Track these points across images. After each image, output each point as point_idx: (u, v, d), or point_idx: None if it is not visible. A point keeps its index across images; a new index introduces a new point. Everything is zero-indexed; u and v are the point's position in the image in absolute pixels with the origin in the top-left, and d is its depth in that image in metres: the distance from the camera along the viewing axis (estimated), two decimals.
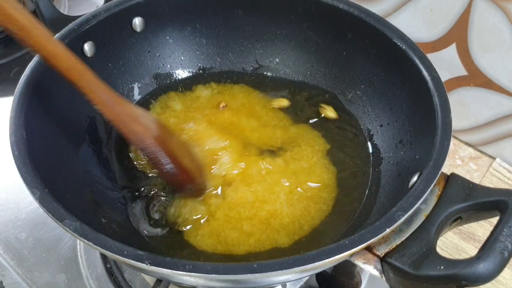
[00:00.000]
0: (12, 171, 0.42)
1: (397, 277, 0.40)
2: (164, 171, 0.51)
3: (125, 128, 0.49)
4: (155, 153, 0.50)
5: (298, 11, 0.63)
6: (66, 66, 0.45)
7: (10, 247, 0.63)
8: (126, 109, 0.49)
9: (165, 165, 0.50)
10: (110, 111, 0.48)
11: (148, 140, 0.49)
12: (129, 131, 0.49)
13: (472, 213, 0.44)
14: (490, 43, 0.67)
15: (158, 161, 0.50)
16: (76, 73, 0.46)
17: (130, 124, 0.49)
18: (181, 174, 0.52)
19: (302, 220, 0.54)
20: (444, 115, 0.47)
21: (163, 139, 0.51)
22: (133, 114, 0.50)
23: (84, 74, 0.46)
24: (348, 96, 0.64)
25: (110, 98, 0.48)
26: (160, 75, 0.66)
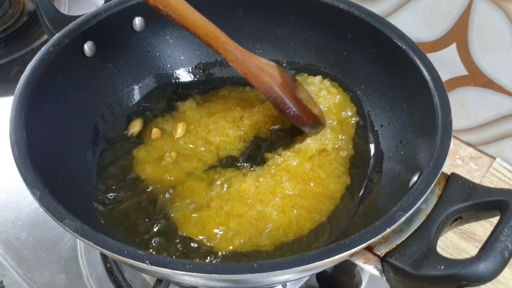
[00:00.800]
0: (12, 171, 0.42)
1: (398, 277, 0.40)
2: (290, 113, 0.57)
3: (254, 79, 0.56)
4: (281, 98, 0.56)
5: (298, 11, 0.63)
6: (204, 32, 0.52)
7: (11, 247, 0.63)
8: (254, 62, 0.56)
9: (291, 108, 0.56)
10: (242, 66, 0.55)
11: (275, 88, 0.56)
12: (258, 81, 0.56)
13: (473, 213, 0.44)
14: (490, 43, 0.67)
15: (284, 106, 0.56)
16: (212, 36, 0.53)
17: (258, 75, 0.55)
18: (304, 114, 0.57)
19: (288, 228, 0.53)
20: (445, 115, 0.47)
21: (286, 85, 0.57)
22: (260, 66, 0.56)
23: (219, 37, 0.53)
24: (348, 95, 0.64)
25: (241, 54, 0.55)
26: (160, 74, 0.66)
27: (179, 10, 0.50)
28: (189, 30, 0.52)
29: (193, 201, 0.54)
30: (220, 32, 0.54)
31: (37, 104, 0.49)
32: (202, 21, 0.52)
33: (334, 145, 0.60)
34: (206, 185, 0.56)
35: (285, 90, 0.57)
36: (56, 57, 0.52)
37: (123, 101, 0.63)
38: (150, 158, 0.58)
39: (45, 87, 0.51)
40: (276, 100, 0.56)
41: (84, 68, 0.57)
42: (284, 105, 0.56)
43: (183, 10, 0.50)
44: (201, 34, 0.52)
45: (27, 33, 0.90)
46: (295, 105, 0.57)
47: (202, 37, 0.53)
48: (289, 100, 0.56)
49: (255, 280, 0.42)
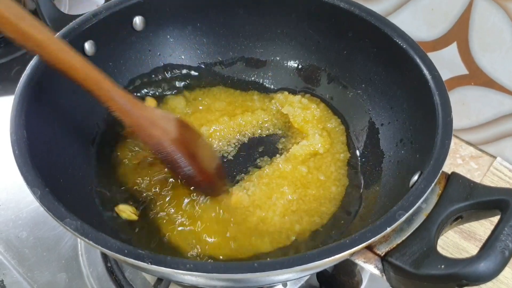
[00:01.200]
0: (13, 170, 0.42)
1: (398, 276, 0.40)
2: (182, 173, 0.51)
3: (142, 132, 0.49)
4: (171, 156, 0.50)
5: (299, 10, 0.63)
6: (84, 77, 0.46)
7: (11, 246, 0.63)
8: (144, 113, 0.49)
9: (183, 168, 0.50)
10: (128, 117, 0.48)
11: (165, 144, 0.49)
12: (147, 135, 0.49)
13: (473, 212, 0.44)
14: (491, 42, 0.67)
15: (175, 164, 0.50)
16: (93, 82, 0.46)
17: (148, 129, 0.49)
18: (200, 175, 0.52)
19: (289, 231, 0.53)
20: (445, 114, 0.47)
21: (183, 141, 0.51)
22: (151, 118, 0.50)
23: (101, 83, 0.47)
24: (349, 95, 0.64)
25: (128, 103, 0.48)
26: (160, 73, 0.66)
27: (52, 51, 0.44)
28: (67, 74, 0.46)
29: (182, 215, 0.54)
30: (104, 78, 0.47)
31: (38, 103, 0.49)
32: (81, 65, 0.46)
33: (326, 149, 0.60)
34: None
35: (179, 146, 0.50)
36: None
37: None
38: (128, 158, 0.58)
39: (46, 87, 0.51)
40: (166, 158, 0.50)
41: None
42: (175, 164, 0.50)
43: (57, 51, 0.44)
44: (80, 79, 0.46)
45: None
46: (189, 163, 0.51)
47: (82, 82, 0.46)
48: (183, 158, 0.50)
49: (256, 280, 0.42)
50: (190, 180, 0.52)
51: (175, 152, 0.50)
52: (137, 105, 0.49)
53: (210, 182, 0.54)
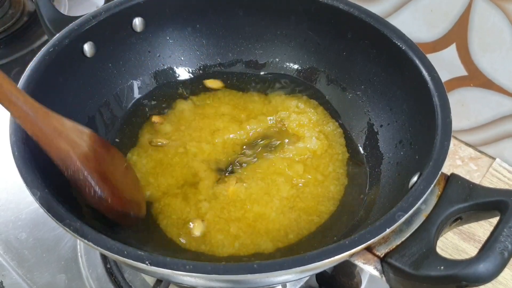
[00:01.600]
0: (12, 171, 0.42)
1: (397, 277, 0.40)
2: (90, 193, 0.45)
3: (48, 143, 0.43)
4: (79, 172, 0.44)
5: (298, 11, 0.63)
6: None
7: (11, 247, 0.63)
8: (51, 122, 0.44)
9: (93, 188, 0.45)
10: (32, 125, 0.43)
11: (73, 157, 0.44)
12: (53, 147, 0.44)
13: (472, 213, 0.44)
14: (490, 43, 0.67)
15: (83, 182, 0.45)
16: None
17: (54, 140, 0.43)
18: (112, 198, 0.46)
19: (288, 229, 0.53)
20: (444, 115, 0.47)
21: (93, 158, 0.46)
22: (59, 129, 0.44)
23: (2, 84, 0.41)
24: (348, 96, 0.64)
25: (32, 110, 0.42)
26: (160, 75, 0.66)
27: None
28: None
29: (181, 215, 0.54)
30: (6, 79, 0.41)
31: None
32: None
33: (324, 150, 0.60)
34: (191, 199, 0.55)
35: (89, 163, 0.45)
36: (56, 58, 0.52)
37: (122, 101, 0.63)
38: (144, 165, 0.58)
39: (45, 88, 0.51)
40: (74, 175, 0.44)
41: (84, 69, 0.57)
42: (84, 182, 0.45)
43: None
44: None
45: (27, 34, 0.90)
46: (98, 183, 0.45)
47: None
48: (92, 176, 0.45)
49: (255, 281, 0.42)
50: (100, 202, 0.46)
51: (85, 168, 0.44)
52: (43, 113, 0.43)
53: (122, 207, 0.48)
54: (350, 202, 0.56)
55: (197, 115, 0.63)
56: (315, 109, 0.64)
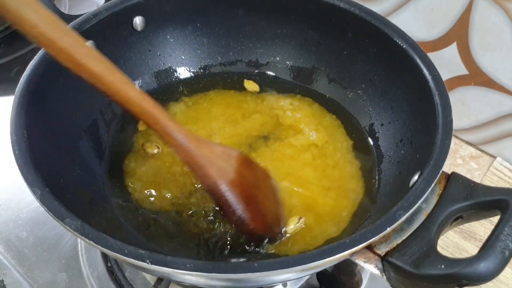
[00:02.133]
0: (13, 170, 0.42)
1: (398, 276, 0.40)
2: (233, 218, 0.47)
3: (199, 171, 0.46)
4: (225, 198, 0.46)
5: (299, 10, 0.63)
6: (140, 111, 0.45)
7: (11, 246, 0.63)
8: (203, 152, 0.46)
9: (237, 212, 0.46)
10: (185, 154, 0.46)
11: (221, 186, 0.46)
12: (203, 174, 0.46)
13: (473, 212, 0.44)
14: (491, 42, 0.67)
15: (228, 208, 0.46)
16: (150, 116, 0.45)
17: (205, 168, 0.46)
18: (253, 222, 0.48)
19: (338, 208, 0.54)
20: (445, 114, 0.47)
21: (241, 182, 0.47)
22: (209, 157, 0.46)
23: (159, 117, 0.45)
24: (348, 95, 0.64)
25: (186, 140, 0.46)
26: (160, 74, 0.66)
27: (107, 83, 0.43)
28: (122, 106, 0.45)
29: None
30: (162, 112, 0.45)
31: (38, 103, 0.49)
32: (137, 97, 0.44)
33: (324, 141, 0.60)
34: None
35: (235, 189, 0.46)
36: None
37: None
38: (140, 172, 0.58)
39: (46, 87, 0.51)
40: (219, 200, 0.47)
41: None
42: (228, 207, 0.46)
43: (113, 83, 0.43)
44: (137, 113, 0.45)
45: None
46: (243, 209, 0.46)
47: (139, 115, 0.45)
48: (237, 201, 0.46)
49: (256, 279, 0.42)
50: (242, 225, 0.48)
51: (229, 195, 0.46)
52: (196, 142, 0.46)
53: (265, 231, 0.49)
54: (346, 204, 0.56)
55: (190, 118, 0.63)
56: (310, 106, 0.64)
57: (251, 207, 0.47)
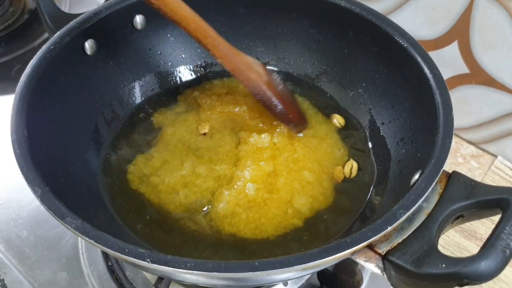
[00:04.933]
0: (13, 169, 0.42)
1: (399, 275, 0.40)
2: (277, 111, 0.58)
3: (242, 76, 0.56)
4: (268, 96, 0.57)
5: (300, 9, 0.63)
6: (194, 27, 0.53)
7: (12, 245, 0.63)
8: (242, 59, 0.56)
9: (277, 106, 0.57)
10: (230, 63, 0.55)
11: (262, 85, 0.56)
12: (246, 78, 0.56)
13: (474, 211, 0.43)
14: (492, 41, 0.67)
15: (271, 104, 0.57)
16: (202, 32, 0.53)
17: (246, 72, 0.56)
18: (290, 113, 0.59)
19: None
20: (446, 113, 0.47)
21: (272, 84, 0.58)
22: (248, 63, 0.57)
23: (208, 33, 0.54)
24: (349, 94, 0.64)
25: (229, 51, 0.55)
26: (161, 72, 0.66)
27: (169, 4, 0.51)
28: (180, 25, 0.52)
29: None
30: (210, 28, 0.54)
31: (38, 102, 0.49)
32: (192, 16, 0.52)
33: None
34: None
35: (271, 88, 0.57)
36: (57, 55, 0.52)
37: (124, 99, 0.63)
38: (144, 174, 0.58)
39: (46, 85, 0.51)
40: (264, 98, 0.57)
41: (85, 66, 0.57)
42: (271, 103, 0.57)
43: (174, 4, 0.51)
44: (191, 29, 0.53)
45: (28, 31, 0.90)
46: (281, 103, 0.58)
47: (192, 32, 0.53)
48: (275, 98, 0.57)
49: (256, 278, 0.42)
50: (283, 117, 0.59)
51: (268, 91, 0.57)
52: (236, 52, 0.56)
53: (299, 118, 0.60)
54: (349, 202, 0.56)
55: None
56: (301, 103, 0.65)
57: (284, 102, 0.58)
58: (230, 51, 0.56)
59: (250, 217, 0.53)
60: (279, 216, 0.54)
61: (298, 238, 0.52)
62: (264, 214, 0.53)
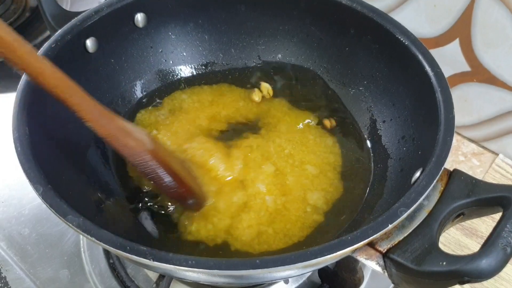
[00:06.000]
0: (15, 167, 0.42)
1: (399, 273, 0.40)
2: (163, 185, 0.50)
3: (118, 143, 0.47)
4: (151, 167, 0.48)
5: (301, 6, 0.63)
6: (54, 83, 0.43)
7: (14, 243, 0.64)
8: (118, 124, 0.48)
9: (164, 179, 0.49)
10: (102, 128, 0.47)
11: (143, 154, 0.48)
12: (123, 145, 0.47)
13: (475, 209, 0.43)
14: (494, 38, 0.67)
15: (155, 176, 0.49)
16: (65, 90, 0.44)
17: (123, 139, 0.47)
18: (181, 187, 0.51)
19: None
20: (447, 111, 0.47)
21: (158, 153, 0.49)
22: (125, 129, 0.48)
23: (73, 91, 0.44)
24: (350, 92, 0.64)
25: (101, 114, 0.47)
26: (162, 71, 0.66)
27: (20, 53, 0.41)
28: (35, 80, 0.43)
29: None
30: (76, 88, 0.45)
31: (40, 100, 0.49)
32: (51, 71, 0.43)
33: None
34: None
35: (156, 157, 0.49)
36: (58, 53, 0.52)
37: (125, 97, 0.63)
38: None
39: None
40: (146, 169, 0.48)
41: (86, 64, 0.57)
42: (156, 175, 0.49)
43: (26, 54, 0.41)
44: (50, 86, 0.43)
45: (30, 29, 0.90)
46: (169, 174, 0.49)
47: (52, 90, 0.43)
48: (162, 168, 0.49)
49: (257, 276, 0.42)
50: (174, 192, 0.51)
51: (152, 162, 0.48)
52: (110, 116, 0.47)
53: (193, 194, 0.53)
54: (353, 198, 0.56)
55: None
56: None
57: (174, 174, 0.50)
58: (102, 115, 0.47)
59: (277, 228, 0.53)
60: (301, 217, 0.53)
61: (324, 232, 0.53)
62: (288, 220, 0.53)
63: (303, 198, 0.55)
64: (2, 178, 0.70)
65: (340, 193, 0.56)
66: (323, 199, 0.55)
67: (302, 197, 0.55)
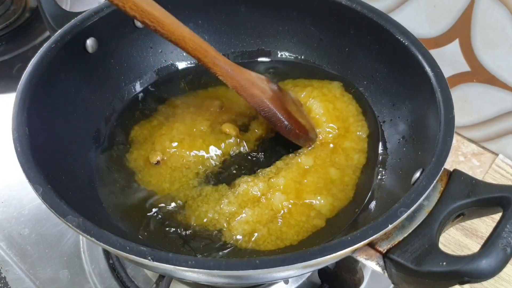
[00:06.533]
0: (15, 167, 0.42)
1: (399, 273, 0.40)
2: (283, 127, 0.56)
3: (245, 92, 0.55)
4: (273, 112, 0.55)
5: (300, 7, 0.63)
6: (193, 47, 0.51)
7: (14, 243, 0.64)
8: (245, 76, 0.55)
9: (283, 122, 0.55)
10: (232, 80, 0.54)
11: (266, 102, 0.55)
12: (249, 95, 0.55)
13: (475, 209, 0.43)
14: (493, 39, 0.67)
15: (276, 119, 0.55)
16: (202, 51, 0.52)
17: (249, 89, 0.55)
18: (297, 128, 0.56)
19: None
20: (447, 111, 0.47)
21: (276, 98, 0.56)
22: (251, 79, 0.55)
23: (208, 52, 0.52)
24: (350, 92, 0.64)
25: (231, 68, 0.54)
26: (162, 71, 0.66)
27: (166, 25, 0.49)
28: (178, 45, 0.51)
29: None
30: (209, 46, 0.53)
31: (40, 100, 0.49)
32: (190, 36, 0.51)
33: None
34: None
35: (275, 103, 0.56)
36: (58, 54, 0.52)
37: (125, 98, 0.63)
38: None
39: (47, 84, 0.51)
40: (268, 114, 0.55)
41: (86, 65, 0.57)
42: (276, 119, 0.56)
43: (171, 25, 0.50)
44: (190, 49, 0.52)
45: (29, 30, 0.90)
46: (286, 118, 0.56)
47: (191, 51, 0.52)
48: (280, 113, 0.56)
49: (257, 276, 0.42)
50: (290, 132, 0.56)
51: (275, 108, 0.55)
52: (238, 69, 0.55)
53: (305, 133, 0.58)
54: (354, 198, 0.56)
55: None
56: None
57: (291, 118, 0.56)
58: (231, 68, 0.54)
59: (272, 229, 0.52)
60: (301, 221, 0.53)
61: (321, 237, 0.52)
62: (286, 223, 0.53)
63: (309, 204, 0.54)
64: (2, 178, 0.70)
65: (348, 200, 0.55)
66: (329, 206, 0.54)
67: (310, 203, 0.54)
